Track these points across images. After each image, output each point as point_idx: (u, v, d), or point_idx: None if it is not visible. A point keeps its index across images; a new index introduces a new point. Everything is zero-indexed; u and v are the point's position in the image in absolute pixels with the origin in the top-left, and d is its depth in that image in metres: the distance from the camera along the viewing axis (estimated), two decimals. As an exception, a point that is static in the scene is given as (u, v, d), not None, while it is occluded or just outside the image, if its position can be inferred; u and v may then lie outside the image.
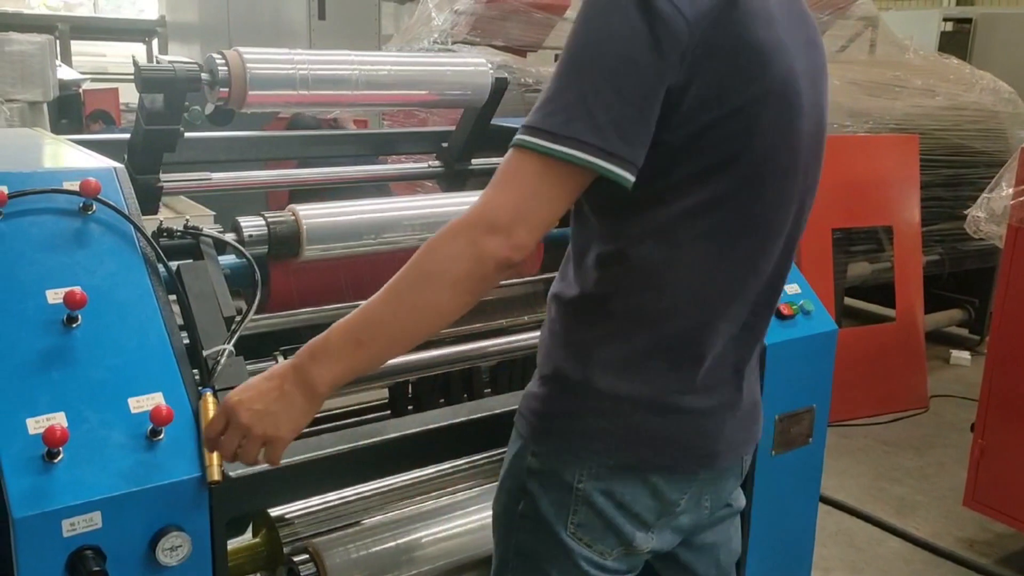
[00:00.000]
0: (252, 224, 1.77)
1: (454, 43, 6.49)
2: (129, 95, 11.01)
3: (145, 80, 1.78)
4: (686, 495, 1.32)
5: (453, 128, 2.37)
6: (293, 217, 1.81)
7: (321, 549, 1.86)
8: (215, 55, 1.86)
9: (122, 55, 12.23)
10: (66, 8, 15.91)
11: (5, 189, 1.40)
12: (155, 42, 11.26)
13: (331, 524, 1.98)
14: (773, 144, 1.21)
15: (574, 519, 1.29)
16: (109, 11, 15.46)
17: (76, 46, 10.22)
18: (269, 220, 1.78)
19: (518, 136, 1.13)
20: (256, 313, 1.59)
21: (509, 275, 1.21)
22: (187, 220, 1.66)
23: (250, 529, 2.01)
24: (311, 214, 1.82)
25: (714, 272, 1.24)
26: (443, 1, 7.29)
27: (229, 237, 1.72)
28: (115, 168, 1.56)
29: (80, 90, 7.90)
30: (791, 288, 2.17)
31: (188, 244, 1.65)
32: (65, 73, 7.14)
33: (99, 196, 1.46)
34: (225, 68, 1.84)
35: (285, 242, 1.79)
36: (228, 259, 1.75)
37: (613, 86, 1.11)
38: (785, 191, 1.26)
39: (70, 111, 7.60)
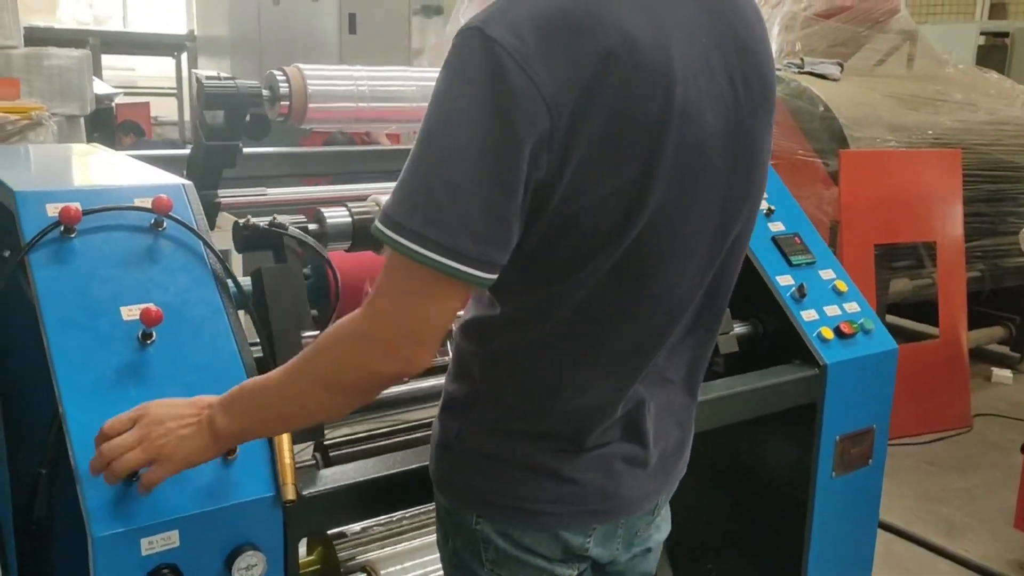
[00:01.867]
0: (336, 215, 1.66)
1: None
2: (158, 109, 11.14)
3: (208, 96, 1.78)
4: (590, 539, 1.24)
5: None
6: (379, 208, 1.71)
7: (379, 567, 1.84)
8: (275, 71, 1.87)
9: (151, 69, 12.38)
10: (96, 22, 16.13)
11: (79, 206, 1.40)
12: (184, 56, 11.37)
13: (386, 541, 1.97)
14: (658, 222, 1.08)
15: (487, 556, 1.24)
16: (139, 25, 15.66)
17: (105, 60, 10.34)
18: (354, 211, 1.67)
19: (376, 220, 1.03)
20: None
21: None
22: (274, 217, 1.58)
23: (304, 545, 2.00)
24: None
25: (593, 352, 1.15)
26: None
27: (312, 230, 1.63)
28: (183, 184, 1.56)
29: (113, 104, 7.98)
30: (850, 307, 2.14)
31: (270, 241, 1.57)
32: (99, 87, 7.21)
33: (171, 213, 1.46)
34: (286, 84, 1.85)
35: (371, 236, 1.67)
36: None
37: (460, 178, 0.99)
38: (676, 264, 1.14)
39: (102, 125, 7.68)
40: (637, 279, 1.12)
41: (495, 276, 1.04)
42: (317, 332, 1.55)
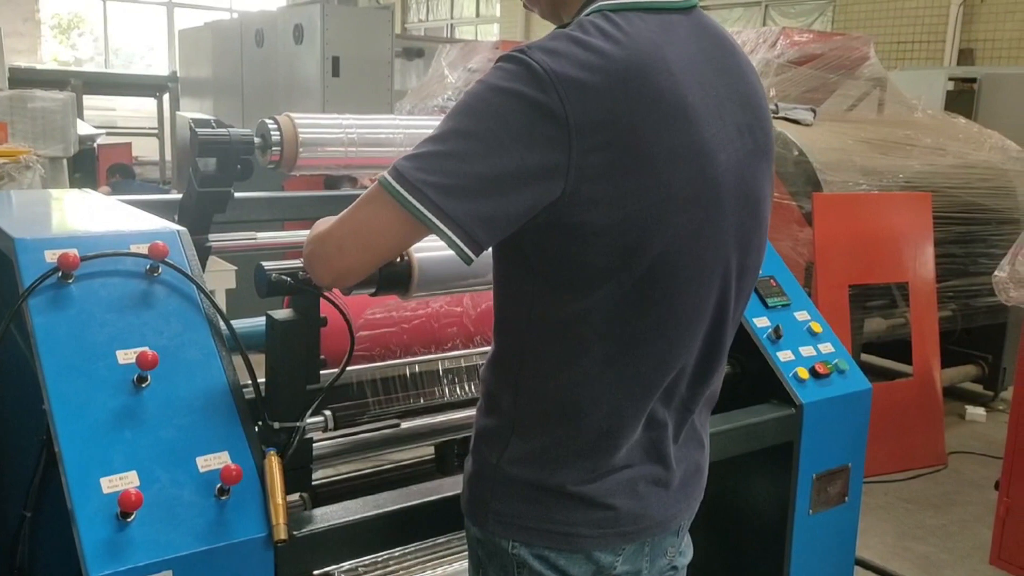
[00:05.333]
0: None
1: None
2: (139, 148, 11.17)
3: (202, 144, 1.83)
4: (619, 558, 1.32)
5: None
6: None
7: (365, 607, 1.86)
8: (267, 120, 1.92)
9: (131, 109, 12.43)
10: (76, 63, 16.21)
11: (77, 252, 1.44)
12: (166, 97, 11.44)
13: (373, 582, 1.99)
14: (676, 248, 1.20)
15: None
16: (119, 66, 15.75)
17: (86, 100, 10.38)
18: None
19: (383, 173, 1.16)
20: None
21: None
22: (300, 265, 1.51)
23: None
24: (419, 247, 1.57)
25: (608, 374, 1.25)
26: (456, 59, 7.45)
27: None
28: (178, 231, 1.61)
29: (95, 144, 8.00)
30: (825, 347, 2.20)
31: (291, 288, 1.51)
32: (81, 128, 7.24)
33: (166, 259, 1.50)
34: (278, 132, 1.90)
35: (396, 282, 1.60)
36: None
37: (478, 161, 1.11)
38: (693, 289, 1.25)
39: (84, 165, 7.69)
40: (659, 299, 1.22)
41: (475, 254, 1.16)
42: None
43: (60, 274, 1.43)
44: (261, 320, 1.67)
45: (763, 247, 1.38)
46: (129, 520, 1.25)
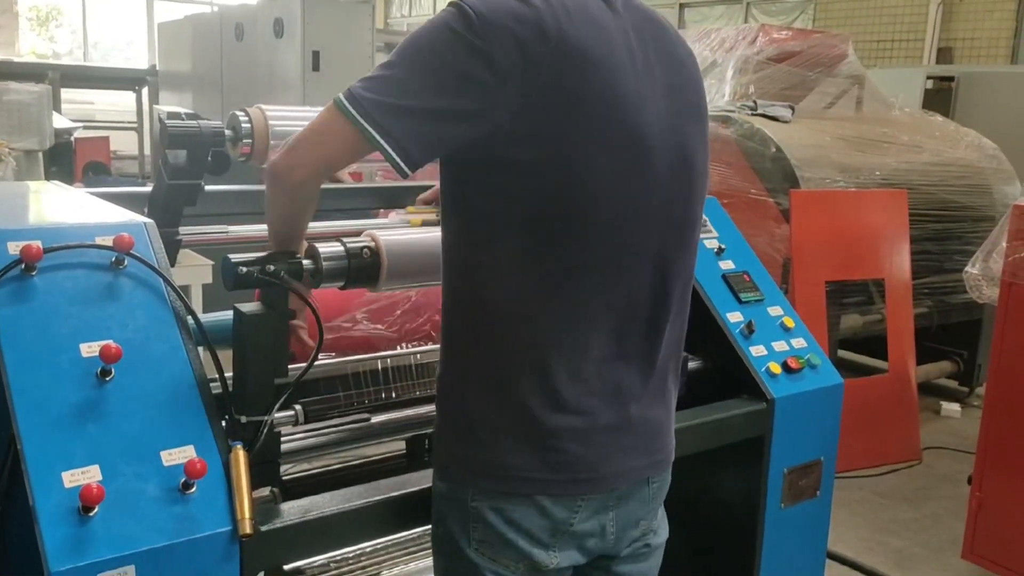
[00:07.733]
0: (331, 251, 1.60)
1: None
2: (117, 143, 11.07)
3: (171, 136, 1.81)
4: (576, 514, 1.38)
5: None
6: (374, 243, 1.65)
7: (336, 602, 1.86)
8: (238, 112, 1.90)
9: (110, 102, 12.30)
10: (55, 56, 16.04)
11: (40, 244, 1.42)
12: (145, 91, 11.33)
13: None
14: (602, 188, 1.31)
15: (475, 535, 1.38)
16: (98, 59, 15.61)
17: (64, 93, 10.27)
18: (349, 248, 1.62)
19: (340, 95, 1.31)
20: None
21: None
22: (268, 255, 1.52)
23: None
24: (389, 241, 1.66)
25: (549, 307, 1.34)
26: (437, 55, 7.42)
27: (307, 268, 1.57)
28: (145, 223, 1.58)
29: (72, 138, 7.93)
30: (797, 342, 2.21)
31: (259, 281, 1.50)
32: (58, 122, 7.17)
33: (132, 251, 1.48)
34: (248, 124, 1.88)
35: (365, 275, 1.62)
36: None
37: (418, 92, 1.27)
38: (627, 229, 1.35)
39: (61, 159, 7.62)
40: (592, 235, 1.32)
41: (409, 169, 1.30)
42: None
43: (23, 266, 1.40)
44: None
45: (701, 202, 1.47)
46: (91, 514, 1.24)
